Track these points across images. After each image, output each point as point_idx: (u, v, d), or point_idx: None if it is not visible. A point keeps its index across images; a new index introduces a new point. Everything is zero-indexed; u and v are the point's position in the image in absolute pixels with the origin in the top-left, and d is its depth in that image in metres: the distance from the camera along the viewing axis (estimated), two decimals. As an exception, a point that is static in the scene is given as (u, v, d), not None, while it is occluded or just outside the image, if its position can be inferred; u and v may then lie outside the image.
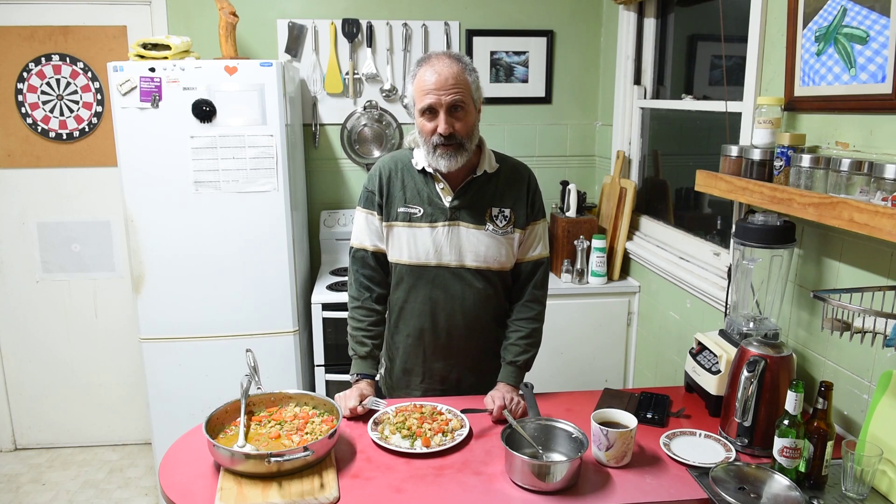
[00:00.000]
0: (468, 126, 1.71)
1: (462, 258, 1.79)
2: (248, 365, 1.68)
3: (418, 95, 1.69)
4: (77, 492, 3.06)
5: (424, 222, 1.78)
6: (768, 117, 1.72)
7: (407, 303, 1.84)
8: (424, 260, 1.79)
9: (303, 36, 3.13)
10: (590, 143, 3.42)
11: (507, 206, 1.81)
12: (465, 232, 1.78)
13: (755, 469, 1.41)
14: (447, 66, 1.67)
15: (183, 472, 1.47)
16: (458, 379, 1.89)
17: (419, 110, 1.70)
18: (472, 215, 1.78)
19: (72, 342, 3.36)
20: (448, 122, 1.67)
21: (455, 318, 1.82)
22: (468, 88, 1.70)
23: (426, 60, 1.71)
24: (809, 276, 1.73)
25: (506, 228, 1.80)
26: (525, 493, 1.40)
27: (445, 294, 1.81)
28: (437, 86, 1.65)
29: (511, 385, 1.80)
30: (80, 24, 3.08)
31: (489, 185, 1.80)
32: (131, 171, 2.57)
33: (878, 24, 1.44)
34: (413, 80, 1.71)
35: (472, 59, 1.79)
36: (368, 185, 1.84)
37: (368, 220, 1.84)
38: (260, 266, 2.67)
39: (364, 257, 1.85)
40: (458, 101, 1.67)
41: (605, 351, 2.97)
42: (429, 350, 1.86)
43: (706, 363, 1.79)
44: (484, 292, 1.82)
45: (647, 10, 2.95)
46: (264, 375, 1.82)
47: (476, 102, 1.74)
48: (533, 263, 1.87)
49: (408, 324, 1.85)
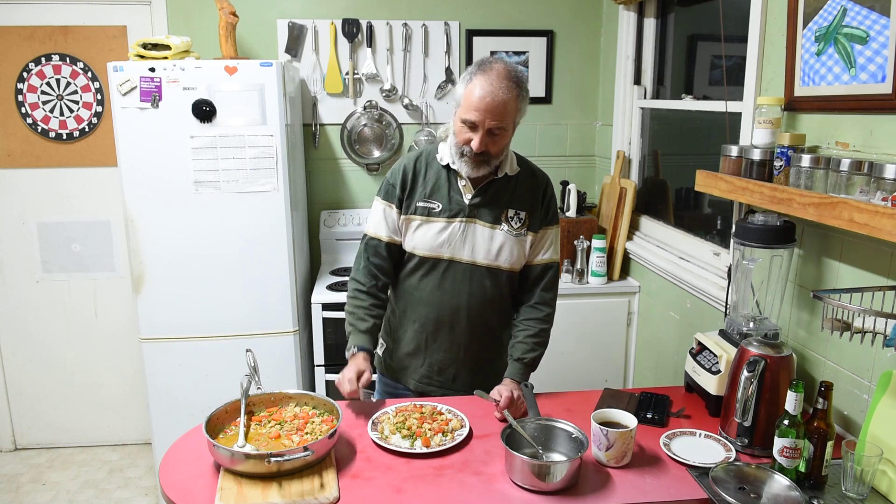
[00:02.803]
0: (501, 147, 1.74)
1: (475, 255, 1.82)
2: (248, 365, 1.68)
3: (465, 104, 1.69)
4: (77, 492, 3.06)
5: (443, 217, 1.81)
6: (768, 117, 1.72)
7: (417, 290, 1.87)
8: (438, 252, 1.82)
9: (303, 36, 3.13)
10: (590, 143, 3.42)
11: (523, 208, 1.84)
12: (481, 230, 1.82)
13: (755, 469, 1.41)
14: (503, 91, 1.66)
15: (183, 472, 1.47)
16: (454, 375, 1.91)
17: (461, 118, 1.71)
18: (489, 214, 1.82)
19: (72, 342, 3.36)
20: (483, 141, 1.69)
21: (460, 311, 1.85)
22: (515, 115, 1.72)
23: (487, 69, 1.68)
24: (809, 276, 1.73)
25: (519, 230, 1.84)
26: (525, 493, 1.40)
27: (454, 287, 1.83)
28: (487, 107, 1.65)
29: (517, 382, 1.81)
30: (80, 24, 3.08)
31: (508, 186, 1.84)
32: (131, 171, 2.57)
33: (878, 24, 1.44)
34: (466, 84, 1.70)
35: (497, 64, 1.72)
36: (391, 178, 1.87)
37: (386, 213, 1.86)
38: (260, 266, 2.67)
39: (377, 246, 1.87)
40: (500, 128, 1.69)
41: (605, 351, 2.97)
42: (432, 339, 1.89)
43: (706, 363, 1.80)
44: (491, 291, 1.85)
45: (647, 10, 2.95)
46: (264, 375, 1.82)
47: (516, 125, 1.76)
48: (543, 267, 1.89)
49: (416, 310, 1.88)
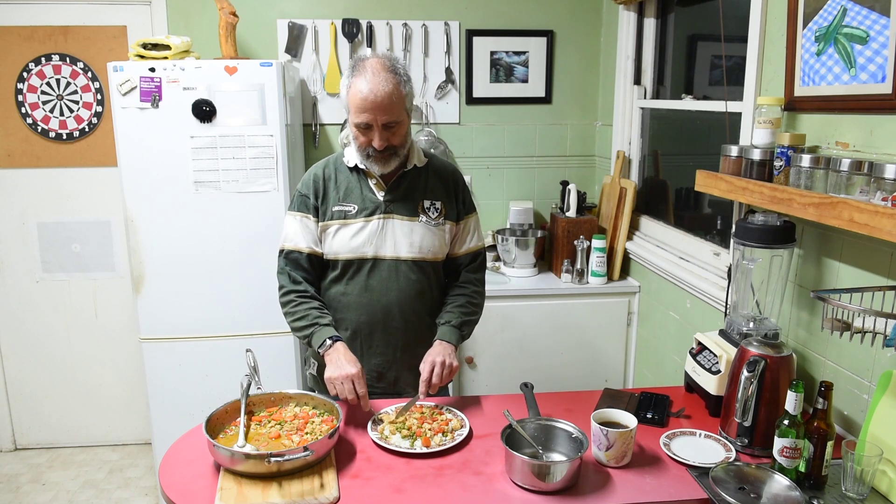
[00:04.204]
0: (402, 136, 1.76)
1: (397, 250, 1.82)
2: (248, 365, 1.68)
3: (353, 108, 1.70)
4: (77, 492, 3.06)
5: (360, 217, 1.81)
6: (768, 117, 1.72)
7: (345, 296, 1.85)
8: (361, 253, 1.81)
9: (303, 36, 3.13)
10: (590, 143, 3.42)
11: (438, 198, 1.87)
12: (400, 224, 1.82)
13: (755, 469, 1.41)
14: (382, 84, 1.66)
15: (183, 472, 1.47)
16: (395, 378, 1.90)
17: (353, 123, 1.72)
18: (405, 207, 1.83)
19: (72, 342, 3.36)
20: (383, 136, 1.71)
21: (391, 310, 1.83)
22: (402, 103, 1.72)
23: (361, 70, 1.69)
24: (809, 276, 1.73)
25: (438, 220, 1.86)
26: (525, 493, 1.40)
27: (381, 285, 1.82)
28: (373, 106, 1.67)
29: (447, 342, 1.78)
30: (80, 24, 3.08)
31: (419, 178, 1.86)
32: (131, 171, 2.57)
33: (878, 24, 1.44)
34: (348, 89, 1.71)
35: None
36: (302, 189, 1.86)
37: (304, 223, 1.84)
38: (260, 266, 2.67)
39: (297, 259, 1.84)
40: (394, 121, 1.70)
41: (605, 351, 2.97)
42: (366, 345, 1.86)
43: (706, 363, 1.79)
44: (418, 284, 1.85)
45: (647, 10, 2.95)
46: (264, 375, 1.82)
47: (409, 111, 1.77)
48: (471, 256, 1.94)
49: (345, 317, 1.85)
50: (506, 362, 2.92)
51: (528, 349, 2.91)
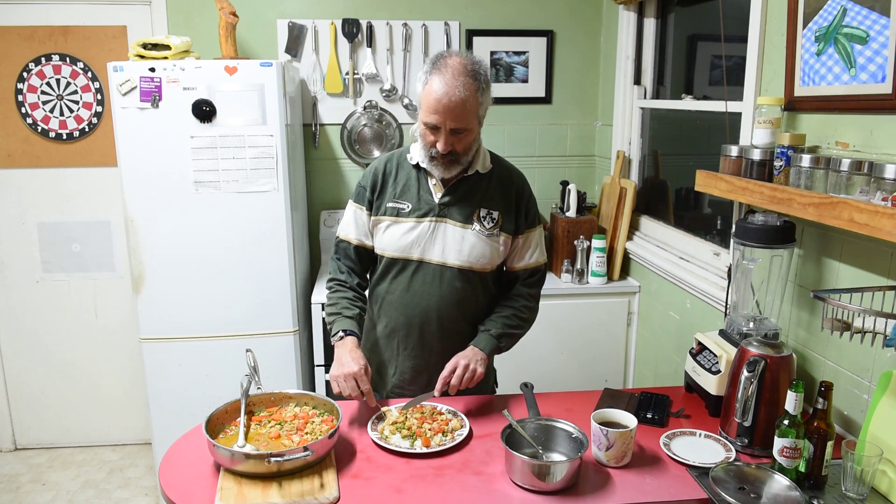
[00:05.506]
0: (467, 144, 1.71)
1: (445, 255, 1.78)
2: (248, 365, 1.68)
3: (425, 106, 1.65)
4: (77, 492, 3.06)
5: (412, 217, 1.78)
6: (768, 117, 1.72)
7: (388, 294, 1.84)
8: (408, 254, 1.79)
9: (303, 36, 3.13)
10: (590, 143, 3.42)
11: (495, 208, 1.80)
12: (452, 229, 1.78)
13: (755, 469, 1.41)
14: (459, 89, 1.60)
15: (183, 472, 1.47)
16: (428, 381, 1.84)
17: (422, 121, 1.68)
18: (460, 213, 1.78)
19: (72, 342, 3.36)
20: (448, 141, 1.66)
21: (430, 314, 1.80)
22: (476, 111, 1.66)
23: (440, 68, 1.63)
24: (809, 276, 1.73)
25: (492, 230, 1.79)
26: (525, 493, 1.40)
27: (423, 289, 1.79)
28: (444, 109, 1.62)
29: (479, 349, 1.76)
30: (80, 24, 3.08)
31: (480, 185, 1.80)
32: (131, 171, 2.57)
33: (878, 24, 1.44)
34: (423, 85, 1.66)
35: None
36: (362, 180, 1.86)
37: (357, 215, 1.85)
38: (260, 266, 2.67)
39: (346, 249, 1.87)
40: (462, 128, 1.66)
41: (605, 351, 2.97)
42: (402, 345, 1.85)
43: (706, 363, 1.79)
44: (462, 292, 1.80)
45: (647, 10, 2.95)
46: (264, 375, 1.82)
47: (481, 119, 1.72)
48: (530, 271, 1.88)
49: (387, 315, 1.85)
50: (506, 362, 2.92)
51: (528, 349, 2.90)
